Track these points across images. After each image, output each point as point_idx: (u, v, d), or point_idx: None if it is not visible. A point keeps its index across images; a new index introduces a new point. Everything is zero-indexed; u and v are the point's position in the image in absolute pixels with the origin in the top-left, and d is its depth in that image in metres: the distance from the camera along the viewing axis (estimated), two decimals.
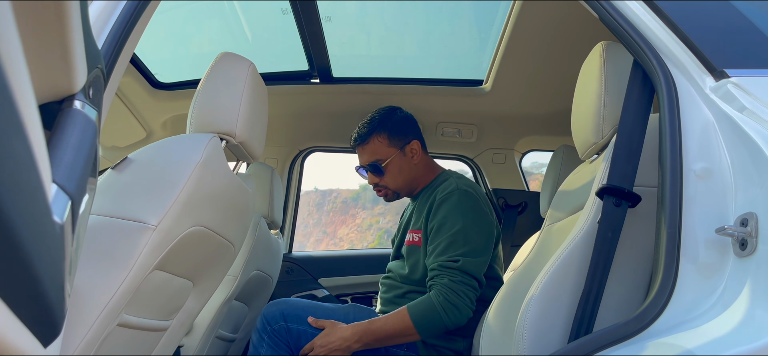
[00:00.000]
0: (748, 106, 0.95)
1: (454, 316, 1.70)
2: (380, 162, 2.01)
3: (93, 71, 0.69)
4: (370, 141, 2.02)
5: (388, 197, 2.08)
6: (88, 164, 0.54)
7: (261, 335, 1.88)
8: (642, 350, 0.86)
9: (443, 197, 1.85)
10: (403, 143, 2.02)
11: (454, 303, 1.70)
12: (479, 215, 1.83)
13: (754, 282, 0.84)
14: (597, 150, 1.30)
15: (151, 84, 2.39)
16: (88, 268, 1.12)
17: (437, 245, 1.79)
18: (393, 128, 2.02)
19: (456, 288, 1.71)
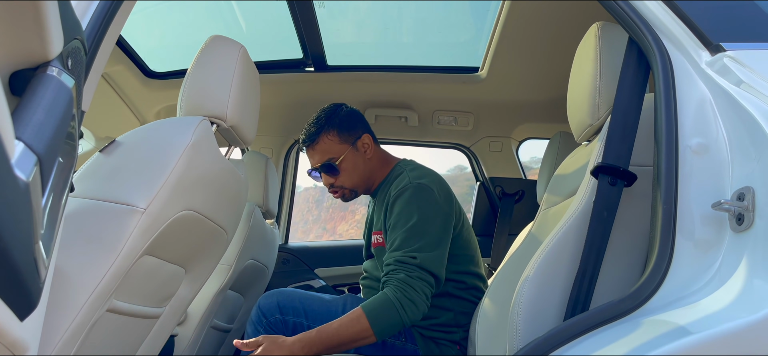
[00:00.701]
0: (744, 79, 0.93)
1: (412, 312, 1.63)
2: (333, 160, 1.93)
3: (72, 42, 0.67)
4: (319, 140, 1.94)
5: (346, 197, 2.00)
6: (61, 130, 0.52)
7: (257, 327, 1.86)
8: (637, 328, 0.85)
9: (396, 193, 1.80)
10: (353, 139, 1.95)
11: (412, 299, 1.63)
12: (434, 208, 1.76)
13: (751, 257, 0.82)
14: (593, 132, 1.28)
15: (144, 73, 2.37)
16: (76, 252, 1.10)
17: (393, 242, 1.74)
18: (341, 124, 1.95)
19: (413, 283, 1.64)
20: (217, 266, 2.01)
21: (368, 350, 1.80)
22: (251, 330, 1.87)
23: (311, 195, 7.09)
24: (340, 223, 7.26)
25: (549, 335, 0.90)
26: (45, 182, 0.47)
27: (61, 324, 1.08)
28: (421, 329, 1.83)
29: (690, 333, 0.77)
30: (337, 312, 1.84)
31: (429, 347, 1.82)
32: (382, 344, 1.81)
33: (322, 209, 7.52)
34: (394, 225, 1.75)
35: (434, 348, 1.83)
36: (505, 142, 2.72)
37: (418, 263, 1.67)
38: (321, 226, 7.31)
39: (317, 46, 2.29)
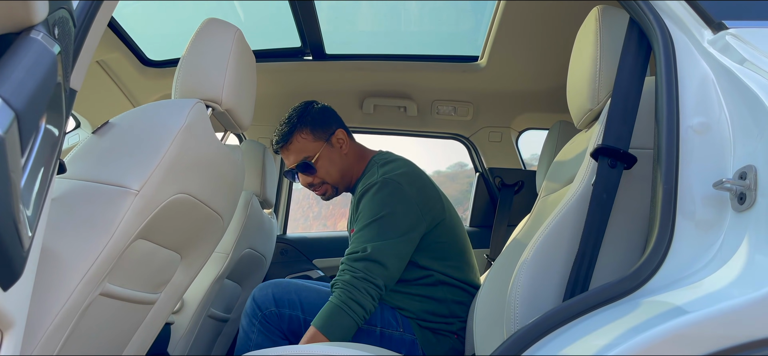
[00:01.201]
0: (747, 57, 0.91)
1: (360, 312, 1.63)
2: (309, 159, 1.92)
3: (58, 11, 0.66)
4: (293, 140, 1.92)
5: (328, 194, 1.98)
6: (42, 92, 0.50)
7: (252, 320, 1.83)
8: (636, 307, 0.83)
9: (362, 190, 1.80)
10: (327, 135, 1.94)
11: (356, 299, 1.63)
12: (400, 201, 1.74)
13: (753, 236, 0.81)
14: (592, 117, 1.27)
15: (141, 61, 2.36)
16: (68, 233, 1.09)
17: (353, 238, 1.75)
18: (313, 121, 1.93)
19: (356, 283, 1.64)
20: (214, 254, 2.01)
21: (366, 341, 1.78)
22: (246, 322, 1.85)
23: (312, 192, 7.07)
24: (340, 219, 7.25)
25: (547, 316, 0.89)
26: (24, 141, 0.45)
27: (52, 306, 1.06)
28: (418, 320, 1.82)
29: (689, 312, 0.75)
30: None
31: (426, 336, 1.81)
32: (380, 334, 1.79)
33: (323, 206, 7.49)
34: (358, 222, 1.75)
35: (432, 338, 1.81)
36: (504, 132, 2.71)
37: (368, 254, 1.65)
38: (321, 222, 7.29)
39: (315, 35, 2.27)
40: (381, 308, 1.83)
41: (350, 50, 2.46)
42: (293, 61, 2.44)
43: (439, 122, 2.70)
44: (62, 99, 0.66)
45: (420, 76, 2.47)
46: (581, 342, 0.81)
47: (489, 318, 1.40)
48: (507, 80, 2.44)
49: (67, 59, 0.71)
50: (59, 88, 0.62)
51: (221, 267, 2.02)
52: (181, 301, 1.97)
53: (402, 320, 1.82)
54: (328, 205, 2.07)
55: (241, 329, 1.86)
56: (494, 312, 1.36)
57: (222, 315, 2.23)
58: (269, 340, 1.81)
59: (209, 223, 1.45)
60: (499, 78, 2.42)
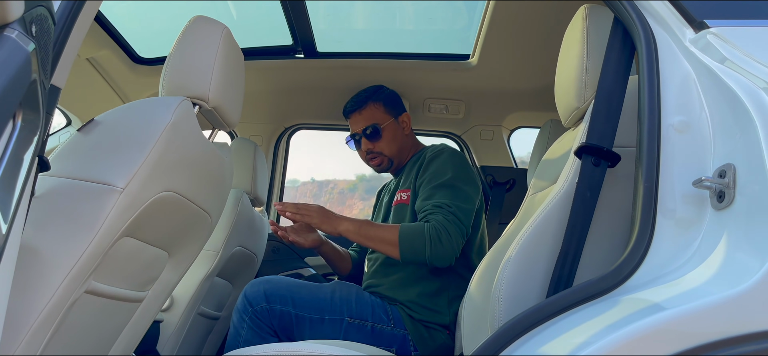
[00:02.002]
0: (728, 56, 0.92)
1: (438, 251, 1.74)
2: (378, 125, 2.10)
3: (36, 9, 0.66)
4: (367, 107, 2.13)
5: (383, 165, 2.14)
6: (12, 88, 0.50)
7: (242, 316, 1.84)
8: (615, 305, 0.84)
9: (434, 154, 1.95)
10: (396, 113, 2.15)
11: (443, 241, 1.74)
12: (468, 170, 1.93)
13: (731, 234, 0.82)
14: (579, 115, 1.27)
15: (132, 59, 2.35)
16: (52, 231, 1.08)
17: (428, 192, 1.87)
18: (386, 98, 2.15)
19: (449, 227, 1.76)
20: (204, 252, 2.01)
21: (357, 337, 1.79)
22: (237, 319, 1.85)
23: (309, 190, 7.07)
24: None
25: (527, 314, 0.89)
26: None
27: (36, 304, 1.06)
28: (411, 311, 1.83)
29: (667, 309, 0.76)
30: (326, 299, 1.83)
31: (418, 331, 1.82)
32: (371, 329, 1.80)
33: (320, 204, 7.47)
34: (430, 179, 1.89)
35: (424, 332, 1.82)
36: (496, 130, 2.71)
37: (452, 210, 1.79)
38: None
39: (307, 33, 2.27)
40: (372, 303, 1.84)
41: (342, 48, 2.46)
42: (285, 58, 2.44)
43: (431, 120, 2.70)
44: (39, 96, 0.66)
45: (411, 74, 2.47)
46: (559, 339, 0.82)
47: (475, 315, 1.40)
48: (498, 79, 2.44)
49: (46, 56, 0.71)
50: (35, 84, 0.62)
51: (211, 265, 2.02)
52: (171, 299, 1.97)
53: (393, 314, 1.83)
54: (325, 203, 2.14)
55: (232, 325, 1.86)
56: (480, 310, 1.37)
57: (213, 313, 2.23)
58: (259, 337, 1.82)
59: (197, 221, 1.45)
60: (490, 76, 2.42)
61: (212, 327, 2.28)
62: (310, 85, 2.54)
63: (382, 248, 1.81)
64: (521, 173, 2.71)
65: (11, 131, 0.56)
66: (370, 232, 1.82)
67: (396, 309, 1.85)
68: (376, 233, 1.82)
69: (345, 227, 1.82)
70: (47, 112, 1.00)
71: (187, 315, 1.98)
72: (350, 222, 1.84)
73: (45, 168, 1.04)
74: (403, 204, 1.98)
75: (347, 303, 1.83)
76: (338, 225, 1.83)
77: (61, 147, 1.18)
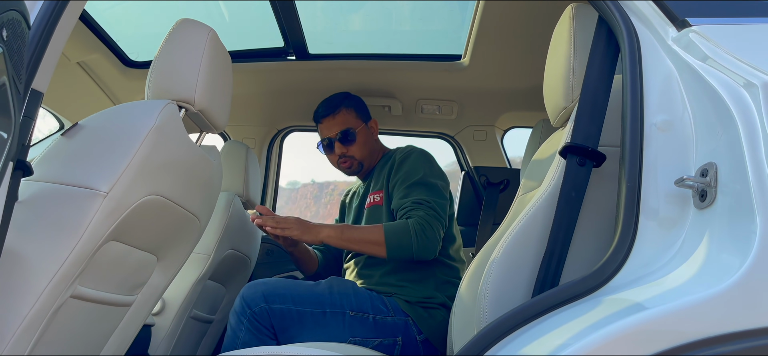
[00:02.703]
0: (709, 55, 0.92)
1: (424, 244, 1.80)
2: (352, 129, 2.15)
3: (7, 13, 0.65)
4: (340, 112, 2.17)
5: (353, 168, 2.18)
6: None
7: (240, 318, 1.82)
8: (598, 305, 0.83)
9: (403, 155, 2.02)
10: (366, 119, 2.21)
11: (428, 236, 1.81)
12: (437, 167, 2.02)
13: (713, 233, 0.81)
14: (567, 115, 1.27)
15: (123, 62, 2.35)
16: (35, 235, 1.08)
17: (404, 191, 1.93)
18: (357, 105, 2.21)
19: (430, 221, 1.82)
20: (196, 255, 2.00)
21: (361, 330, 1.79)
22: (235, 321, 1.84)
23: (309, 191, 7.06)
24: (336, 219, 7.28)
25: (510, 314, 0.88)
26: None
27: (20, 310, 1.06)
28: (406, 296, 1.87)
29: (648, 308, 0.75)
30: (325, 294, 1.83)
31: (418, 313, 1.85)
32: (374, 321, 1.80)
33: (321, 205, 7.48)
34: (403, 179, 1.95)
35: (423, 313, 1.85)
36: (489, 130, 2.71)
37: (432, 205, 1.86)
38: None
39: (298, 35, 2.27)
40: (370, 296, 1.84)
41: (333, 50, 2.45)
42: (277, 61, 2.44)
43: (424, 121, 2.70)
44: (10, 99, 0.65)
45: (404, 75, 2.46)
46: (541, 340, 0.81)
47: (464, 316, 1.40)
48: (490, 79, 2.44)
49: (19, 60, 0.70)
50: (5, 88, 0.61)
51: (203, 268, 2.01)
52: (163, 302, 1.96)
53: (390, 303, 1.84)
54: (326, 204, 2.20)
55: (229, 327, 1.85)
56: (468, 311, 1.36)
57: (206, 317, 2.22)
58: (257, 339, 1.80)
59: (185, 224, 1.44)
60: (481, 77, 2.42)
61: (205, 330, 2.28)
62: (302, 87, 2.54)
63: (368, 248, 1.85)
64: (515, 173, 2.71)
65: None
66: (354, 235, 1.88)
67: (391, 298, 1.86)
68: (360, 236, 1.87)
69: (326, 234, 1.87)
70: (28, 116, 0.99)
71: (179, 318, 1.97)
72: (331, 228, 1.89)
73: (28, 173, 1.04)
74: (377, 205, 2.03)
75: (346, 296, 1.83)
76: (319, 233, 1.87)
77: (44, 151, 1.18)
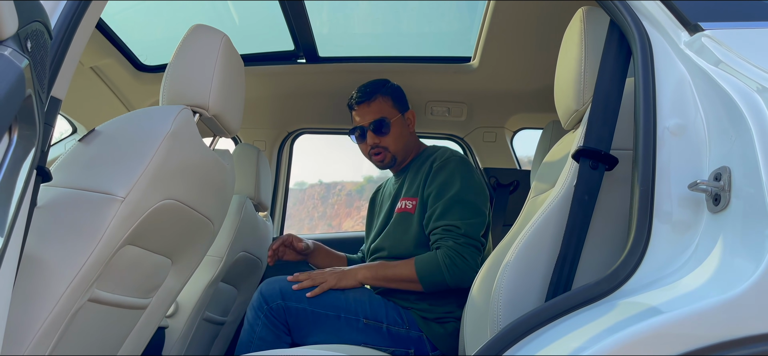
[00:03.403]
0: (722, 59, 0.92)
1: (456, 276, 1.77)
2: (387, 119, 2.05)
3: (31, 24, 0.67)
4: (376, 99, 2.07)
5: (386, 161, 2.09)
6: (7, 106, 0.51)
7: (257, 313, 1.85)
8: (612, 309, 0.84)
9: (441, 163, 1.93)
10: (403, 109, 2.10)
11: (458, 265, 1.78)
12: (476, 181, 1.92)
13: (727, 237, 0.81)
14: (579, 118, 1.27)
15: (135, 67, 2.37)
16: (54, 240, 1.10)
17: (436, 209, 1.86)
18: (394, 93, 2.10)
19: (461, 250, 1.79)
20: (208, 257, 2.02)
21: (375, 338, 1.81)
22: (252, 315, 1.86)
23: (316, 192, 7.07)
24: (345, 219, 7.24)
25: (525, 318, 0.89)
26: None
27: (39, 313, 1.07)
28: (424, 314, 1.86)
29: (664, 312, 0.76)
30: (341, 298, 1.85)
31: (433, 329, 1.84)
32: (387, 332, 1.81)
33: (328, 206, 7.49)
34: (438, 193, 1.88)
35: (439, 329, 1.84)
36: (498, 132, 2.71)
37: (463, 232, 1.80)
38: (326, 222, 7.28)
39: (308, 38, 2.28)
40: (386, 306, 1.85)
41: (343, 53, 2.46)
42: (287, 64, 2.45)
43: (434, 123, 2.70)
44: (35, 110, 0.67)
45: (413, 77, 2.47)
46: (556, 344, 0.82)
47: (476, 318, 1.40)
48: (500, 80, 2.44)
49: (42, 70, 0.72)
50: (30, 99, 0.63)
51: (215, 271, 2.03)
52: (176, 305, 1.98)
53: (406, 316, 1.84)
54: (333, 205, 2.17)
55: (246, 321, 1.87)
56: (481, 313, 1.37)
57: (218, 318, 2.24)
58: (273, 334, 1.82)
59: (199, 228, 1.46)
60: (491, 78, 2.42)
61: (218, 332, 2.30)
62: (312, 90, 2.55)
63: (403, 286, 1.85)
64: (525, 174, 2.71)
65: (7, 145, 0.57)
66: (387, 273, 1.87)
67: (408, 312, 1.86)
68: (393, 274, 1.86)
69: (363, 275, 1.88)
70: (47, 123, 1.01)
71: (192, 320, 1.99)
72: (366, 269, 1.89)
73: (47, 179, 1.05)
74: (408, 213, 1.96)
75: (361, 303, 1.85)
76: (356, 275, 1.88)
77: (62, 158, 1.20)
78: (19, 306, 1.05)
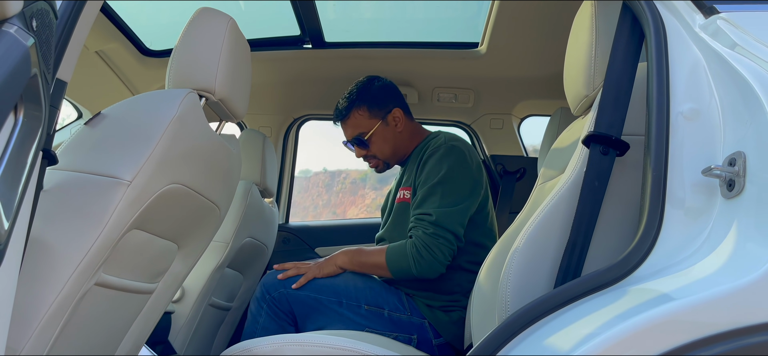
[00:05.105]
0: (738, 42, 0.90)
1: (422, 268, 1.76)
2: (363, 136, 2.03)
3: (36, 3, 0.66)
4: (350, 116, 2.04)
5: (379, 167, 2.11)
6: (12, 84, 0.50)
7: (260, 303, 1.86)
8: (623, 295, 0.83)
9: (432, 150, 1.90)
10: (384, 113, 2.03)
11: (424, 257, 1.75)
12: (463, 168, 1.86)
13: (741, 223, 0.80)
14: (589, 103, 1.26)
15: (140, 51, 2.36)
16: (61, 224, 1.09)
17: (417, 198, 1.86)
18: (372, 99, 2.02)
19: (428, 241, 1.76)
20: (214, 243, 2.02)
21: (377, 325, 1.81)
22: (254, 307, 1.87)
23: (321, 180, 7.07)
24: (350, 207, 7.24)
25: (534, 304, 0.88)
26: None
27: (46, 297, 1.07)
28: (428, 301, 1.85)
29: (675, 299, 0.75)
30: (341, 285, 1.85)
31: (437, 317, 1.83)
32: (389, 318, 1.81)
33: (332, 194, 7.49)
34: (424, 181, 1.86)
35: (443, 317, 1.83)
36: (506, 119, 2.69)
37: (433, 220, 1.77)
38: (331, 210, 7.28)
39: (314, 23, 2.26)
40: (388, 292, 1.85)
41: (350, 38, 2.45)
42: (293, 49, 2.43)
43: (440, 110, 2.69)
44: (41, 90, 0.66)
45: (420, 63, 2.45)
46: (566, 330, 0.81)
47: (483, 305, 1.40)
48: (507, 66, 2.42)
49: (48, 50, 0.71)
50: (36, 79, 0.62)
51: (221, 256, 2.03)
52: (182, 290, 1.98)
53: (408, 302, 1.84)
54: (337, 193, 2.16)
55: (250, 314, 1.88)
56: (489, 300, 1.36)
57: (224, 304, 2.24)
58: (276, 324, 1.83)
59: (205, 213, 1.45)
60: (499, 64, 2.40)
61: (223, 317, 2.30)
62: (319, 75, 2.54)
63: (376, 272, 1.88)
64: (532, 161, 2.69)
65: (13, 125, 0.56)
66: (362, 259, 1.88)
67: (413, 300, 1.86)
68: (367, 260, 1.87)
69: (341, 261, 1.89)
70: (53, 106, 1.00)
71: (198, 306, 1.99)
72: (344, 254, 1.90)
73: (53, 162, 1.05)
74: (405, 202, 1.94)
75: (363, 290, 1.84)
76: (336, 261, 1.89)
77: (68, 141, 1.19)
78: (26, 290, 1.05)
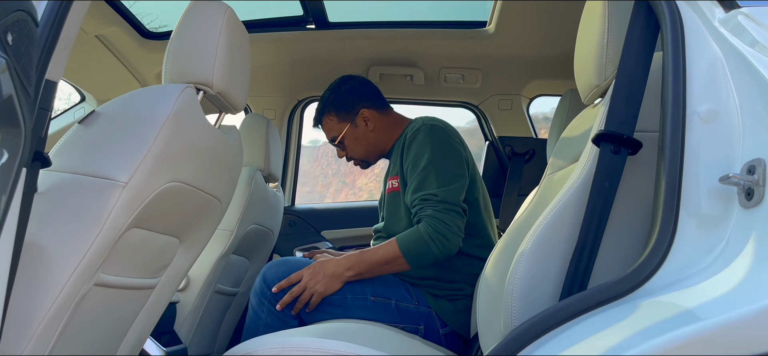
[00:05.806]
0: (759, 39, 0.85)
1: (442, 246, 1.72)
2: (334, 140, 2.09)
3: (12, 14, 0.62)
4: (323, 121, 2.11)
5: (361, 165, 2.15)
6: None
7: (261, 299, 1.81)
8: (633, 310, 0.79)
9: (412, 135, 1.88)
10: (352, 116, 2.05)
11: (443, 234, 1.72)
12: (447, 145, 1.85)
13: (759, 236, 0.76)
14: (600, 93, 1.21)
15: (140, 34, 2.31)
16: (56, 227, 1.07)
17: (413, 182, 1.82)
18: (339, 104, 2.05)
19: (442, 217, 1.72)
20: (219, 232, 2.00)
21: (383, 317, 1.79)
22: (256, 302, 1.83)
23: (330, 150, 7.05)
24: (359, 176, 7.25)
25: (543, 316, 0.85)
26: None
27: (43, 302, 1.05)
28: (433, 290, 1.83)
29: (687, 322, 0.71)
30: None
31: (442, 306, 1.81)
32: (396, 307, 1.79)
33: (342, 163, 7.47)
34: (412, 167, 1.83)
35: (448, 306, 1.82)
36: (514, 99, 2.63)
37: (441, 198, 1.74)
38: (340, 180, 7.28)
39: (318, 3, 2.20)
40: (393, 282, 1.82)
41: (354, 18, 2.39)
42: (296, 30, 2.38)
43: (447, 90, 2.63)
44: (18, 109, 0.62)
45: (426, 43, 2.40)
46: (581, 344, 0.78)
47: (490, 300, 1.37)
48: (516, 46, 2.36)
49: (28, 62, 0.67)
50: (11, 100, 0.59)
51: (226, 245, 2.01)
52: (187, 279, 1.97)
53: (415, 292, 1.82)
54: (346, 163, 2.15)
55: (251, 308, 1.84)
56: (495, 296, 1.33)
57: (230, 290, 2.23)
58: (279, 320, 1.79)
59: (206, 207, 1.43)
60: (508, 44, 2.34)
61: (230, 303, 2.29)
62: (323, 56, 2.49)
63: (390, 269, 1.78)
64: (541, 143, 2.64)
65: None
66: (370, 259, 1.79)
67: (418, 289, 1.83)
68: (376, 259, 1.78)
69: (348, 275, 1.79)
70: (42, 108, 0.97)
71: (203, 294, 1.98)
72: (348, 265, 1.79)
73: (46, 164, 1.02)
74: (395, 192, 1.92)
75: (367, 282, 1.82)
76: (342, 277, 1.78)
77: (62, 141, 1.16)
78: (23, 295, 1.03)
